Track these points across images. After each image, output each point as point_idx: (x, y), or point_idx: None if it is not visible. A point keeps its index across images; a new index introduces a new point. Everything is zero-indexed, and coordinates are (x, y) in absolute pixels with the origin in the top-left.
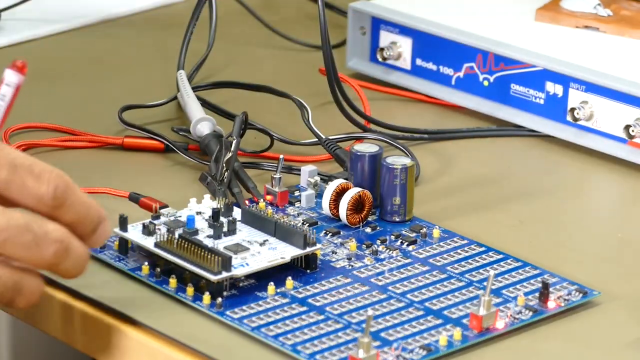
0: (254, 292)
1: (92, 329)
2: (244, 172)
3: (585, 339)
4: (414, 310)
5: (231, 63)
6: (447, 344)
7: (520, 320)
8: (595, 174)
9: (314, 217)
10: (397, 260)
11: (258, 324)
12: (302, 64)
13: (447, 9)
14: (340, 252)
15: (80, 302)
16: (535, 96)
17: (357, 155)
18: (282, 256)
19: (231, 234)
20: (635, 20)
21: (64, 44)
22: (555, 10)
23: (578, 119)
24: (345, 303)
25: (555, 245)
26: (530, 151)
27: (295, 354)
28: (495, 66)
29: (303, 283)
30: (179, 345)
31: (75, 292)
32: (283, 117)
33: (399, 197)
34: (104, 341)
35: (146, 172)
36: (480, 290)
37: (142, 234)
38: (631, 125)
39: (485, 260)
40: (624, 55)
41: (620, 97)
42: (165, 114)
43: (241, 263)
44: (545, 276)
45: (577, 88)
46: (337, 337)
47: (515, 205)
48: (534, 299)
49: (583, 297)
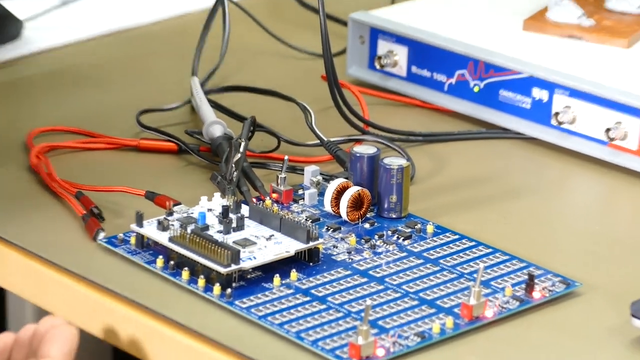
0: (261, 283)
1: (109, 317)
2: (252, 172)
3: (568, 326)
4: (409, 300)
5: (240, 70)
6: (440, 331)
7: (507, 310)
8: (577, 174)
9: (316, 213)
10: (394, 253)
11: (265, 313)
12: (305, 71)
13: (440, 20)
14: (341, 246)
15: (99, 293)
16: (522, 101)
17: (357, 157)
18: (287, 250)
19: (240, 229)
20: (616, 29)
21: (85, 52)
22: (541, 20)
23: (562, 123)
24: (346, 293)
25: (540, 240)
26: (517, 152)
27: (299, 341)
28: (485, 73)
29: (306, 275)
30: (192, 332)
31: (94, 283)
32: (288, 121)
33: (396, 195)
34: (123, 329)
35: (161, 172)
36: (471, 281)
37: (157, 229)
38: (611, 128)
39: (475, 254)
40: (606, 62)
41: (601, 102)
42: (180, 117)
43: (249, 256)
44: (531, 269)
45: (561, 94)
46: (338, 325)
47: (503, 202)
48: (520, 289)
49: (566, 288)
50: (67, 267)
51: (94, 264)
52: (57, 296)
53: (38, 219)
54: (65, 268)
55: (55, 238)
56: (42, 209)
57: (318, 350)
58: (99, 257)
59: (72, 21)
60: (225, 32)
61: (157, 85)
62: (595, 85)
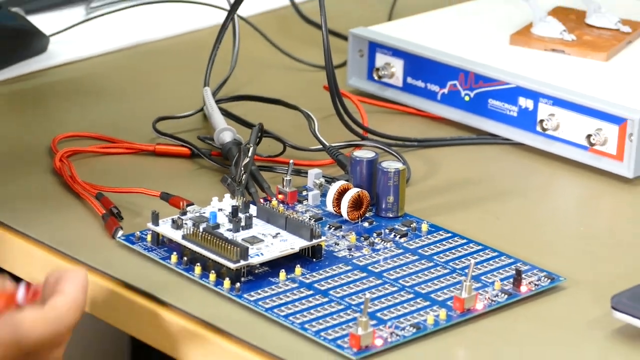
0: (268, 278)
1: (127, 309)
2: (260, 175)
3: (553, 318)
4: (405, 293)
5: (249, 81)
6: (434, 322)
7: (497, 302)
8: (561, 177)
9: (319, 213)
10: (391, 250)
11: (271, 305)
12: (309, 82)
13: (433, 35)
14: (342, 243)
15: (118, 286)
16: (510, 109)
17: (357, 160)
18: (292, 247)
19: (248, 227)
20: (596, 44)
21: (105, 64)
22: (527, 35)
23: (546, 129)
24: (346, 287)
25: (527, 238)
26: (505, 157)
27: (302, 331)
28: (475, 84)
29: (310, 270)
30: (203, 323)
31: (113, 277)
32: (293, 127)
33: (393, 196)
34: (140, 320)
35: (175, 175)
36: (462, 276)
37: (171, 227)
38: (592, 134)
39: (467, 250)
40: (586, 74)
41: (582, 110)
42: (193, 124)
43: (256, 253)
44: (518, 264)
45: (546, 102)
46: (339, 317)
47: (492, 203)
48: (508, 284)
49: (551, 282)
50: (88, 263)
51: (113, 259)
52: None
53: (61, 218)
54: (86, 263)
55: (77, 236)
56: (65, 209)
57: (321, 340)
58: (117, 253)
59: (94, 36)
60: (235, 46)
61: (172, 95)
62: (577, 95)
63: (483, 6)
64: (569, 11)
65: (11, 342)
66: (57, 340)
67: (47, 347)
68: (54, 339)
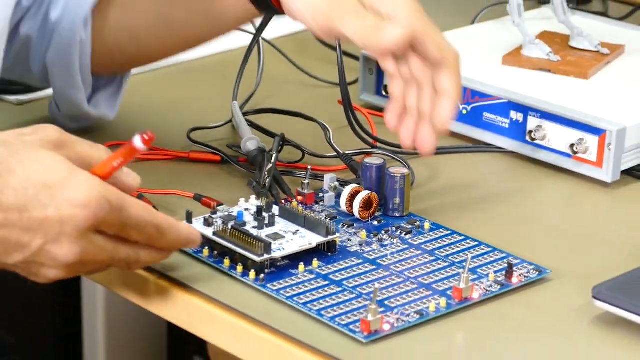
0: (288, 270)
1: (164, 297)
2: (281, 179)
3: (541, 306)
4: (409, 284)
5: (272, 96)
6: (435, 309)
7: (491, 292)
8: (547, 181)
9: (334, 212)
10: (397, 246)
11: (291, 294)
12: (325, 97)
13: None
14: (354, 239)
15: (156, 276)
16: (502, 122)
17: (367, 166)
18: (310, 242)
19: (271, 225)
20: (578, 64)
21: (148, 81)
22: (517, 56)
23: (534, 139)
24: (358, 278)
25: (517, 235)
26: (499, 163)
27: (319, 317)
28: (471, 99)
29: (325, 263)
30: (231, 309)
31: (153, 269)
32: (311, 137)
33: (399, 198)
34: (175, 307)
35: (207, 179)
36: (461, 269)
37: (203, 225)
38: (575, 144)
39: (464, 246)
40: (570, 91)
41: (566, 123)
42: (222, 134)
43: (278, 247)
44: (510, 258)
45: (534, 115)
46: (352, 305)
47: (487, 204)
48: (501, 275)
49: (538, 274)
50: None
51: None
52: (121, 279)
53: None
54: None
55: None
56: None
57: (335, 325)
58: None
59: None
60: (260, 65)
61: (204, 108)
62: (562, 109)
63: (478, 31)
64: (555, 35)
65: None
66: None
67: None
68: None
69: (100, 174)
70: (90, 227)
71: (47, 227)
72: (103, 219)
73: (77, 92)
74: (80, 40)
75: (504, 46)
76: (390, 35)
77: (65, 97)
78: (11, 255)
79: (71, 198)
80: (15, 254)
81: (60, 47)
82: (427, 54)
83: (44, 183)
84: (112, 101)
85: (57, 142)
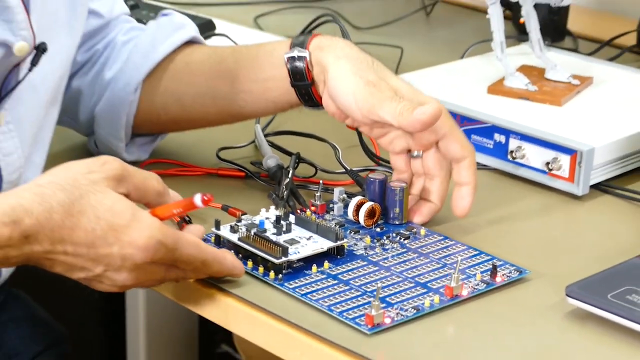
0: (303, 271)
1: (196, 294)
2: (297, 191)
3: (520, 303)
4: (407, 283)
5: (289, 119)
6: (430, 305)
7: (478, 290)
8: (526, 194)
9: (342, 221)
10: (397, 249)
11: (306, 292)
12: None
13: (430, 86)
14: (360, 244)
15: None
16: (487, 143)
17: (371, 181)
18: (322, 247)
19: (288, 232)
20: (553, 93)
21: None
22: (500, 86)
23: (515, 158)
24: (363, 278)
25: (501, 241)
26: (484, 179)
27: (329, 312)
28: (461, 123)
29: (335, 264)
30: (254, 305)
31: None
32: (323, 155)
33: (398, 208)
34: (206, 302)
35: (233, 191)
36: (452, 269)
37: (229, 232)
38: (550, 162)
39: (455, 250)
40: (546, 116)
41: (542, 144)
42: (246, 153)
43: (294, 251)
44: (494, 260)
45: (515, 137)
46: (357, 301)
47: (474, 214)
48: (487, 275)
49: (519, 274)
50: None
51: None
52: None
53: None
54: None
55: None
56: None
57: (343, 319)
58: None
59: None
60: None
61: (231, 130)
62: (539, 132)
63: (467, 64)
64: (532, 68)
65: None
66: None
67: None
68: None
69: (160, 216)
70: (146, 264)
71: (109, 260)
72: (158, 258)
73: (118, 142)
74: (129, 101)
75: (489, 78)
76: (422, 111)
77: (106, 143)
78: (75, 274)
79: (132, 241)
80: (80, 273)
81: (110, 103)
82: (449, 150)
83: (110, 225)
84: (146, 147)
85: (119, 176)
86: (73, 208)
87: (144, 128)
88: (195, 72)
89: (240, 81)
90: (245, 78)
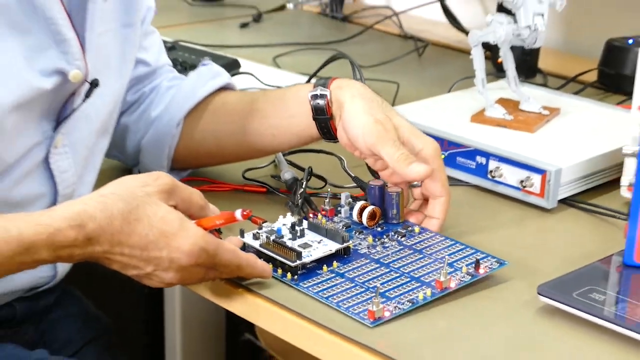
0: (315, 271)
1: (226, 293)
2: (310, 200)
3: (498, 299)
4: (404, 277)
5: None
6: (423, 298)
7: (464, 282)
8: (503, 208)
9: (348, 222)
10: (394, 247)
11: (317, 290)
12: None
13: (421, 116)
14: (363, 243)
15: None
16: (470, 164)
17: (371, 187)
18: (330, 249)
19: (302, 236)
20: (526, 122)
21: None
22: (481, 116)
23: (494, 177)
24: (366, 275)
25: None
26: (467, 195)
27: (337, 307)
28: (448, 147)
29: (342, 263)
30: (273, 302)
31: None
32: (332, 168)
33: (395, 209)
34: (232, 299)
35: (256, 203)
36: (441, 264)
37: (252, 239)
38: (523, 180)
39: (444, 245)
40: (520, 141)
41: (517, 165)
42: (267, 171)
43: (307, 254)
44: (478, 253)
45: (494, 159)
46: (361, 297)
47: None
48: (471, 268)
49: (499, 265)
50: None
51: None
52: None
53: None
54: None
55: None
56: None
57: (349, 314)
58: None
59: None
60: None
61: None
62: (514, 155)
63: (453, 97)
64: (509, 100)
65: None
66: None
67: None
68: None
69: (204, 226)
70: (190, 266)
71: (159, 262)
72: (201, 262)
73: (160, 170)
74: (172, 134)
75: (472, 108)
76: (415, 169)
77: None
78: (129, 271)
79: (179, 246)
80: (133, 271)
81: (155, 138)
82: (430, 187)
83: (161, 232)
84: (182, 173)
85: (170, 190)
86: (130, 216)
87: (182, 162)
88: (231, 111)
89: (269, 117)
90: (274, 115)
